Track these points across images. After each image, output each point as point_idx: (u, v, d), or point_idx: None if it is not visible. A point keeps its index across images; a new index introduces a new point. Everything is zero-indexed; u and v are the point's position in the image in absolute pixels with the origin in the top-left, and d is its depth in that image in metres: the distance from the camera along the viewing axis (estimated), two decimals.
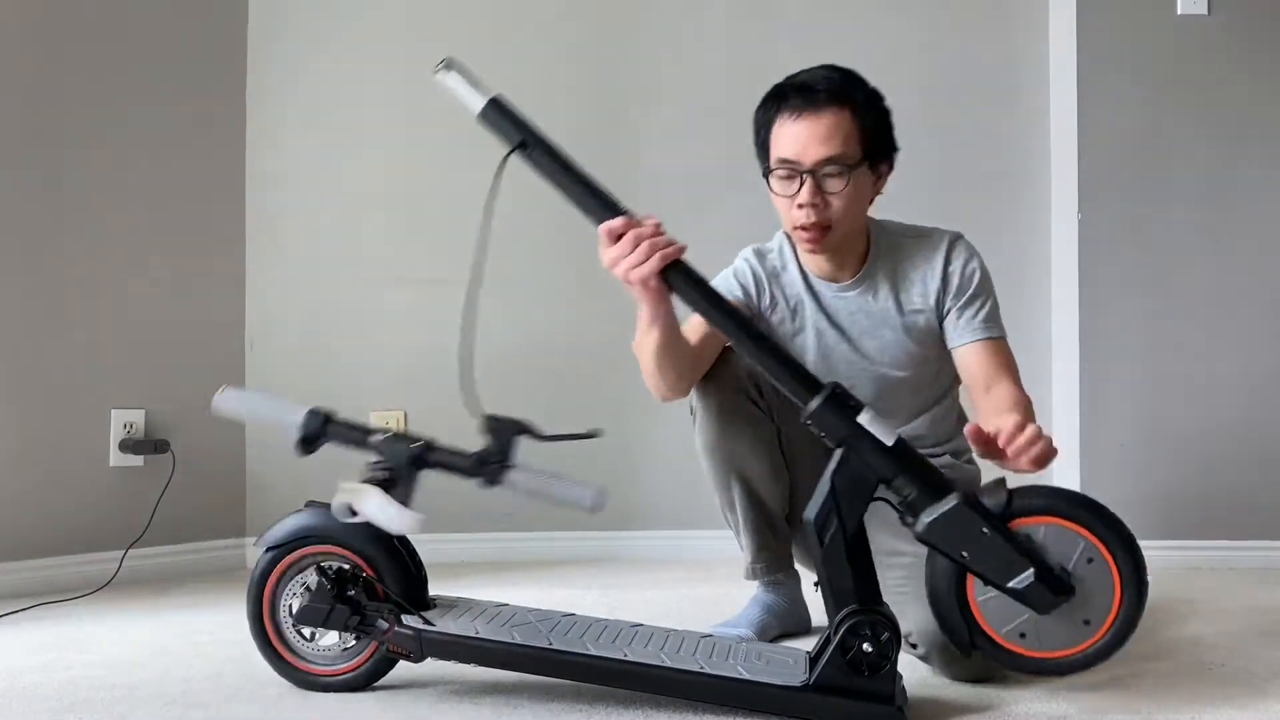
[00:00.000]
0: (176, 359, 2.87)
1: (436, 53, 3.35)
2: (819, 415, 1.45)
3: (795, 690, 1.43)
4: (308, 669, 1.62)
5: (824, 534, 1.44)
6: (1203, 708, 1.53)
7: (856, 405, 1.45)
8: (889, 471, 1.43)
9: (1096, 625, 1.42)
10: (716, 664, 1.49)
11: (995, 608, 1.43)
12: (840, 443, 1.45)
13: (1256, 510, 2.87)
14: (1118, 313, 2.81)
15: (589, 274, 3.16)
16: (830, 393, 1.45)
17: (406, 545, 1.63)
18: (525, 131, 1.60)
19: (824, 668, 1.42)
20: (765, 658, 1.53)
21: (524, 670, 1.55)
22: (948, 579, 1.45)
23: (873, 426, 1.43)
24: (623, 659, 1.49)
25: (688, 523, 2.98)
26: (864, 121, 1.82)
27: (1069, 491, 1.47)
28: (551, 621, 1.60)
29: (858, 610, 1.43)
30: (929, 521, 1.41)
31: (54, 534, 2.60)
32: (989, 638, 1.44)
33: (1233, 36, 2.92)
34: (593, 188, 1.60)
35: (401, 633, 1.55)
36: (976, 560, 1.41)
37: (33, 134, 2.64)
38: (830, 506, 1.44)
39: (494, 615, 1.61)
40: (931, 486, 1.43)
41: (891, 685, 1.43)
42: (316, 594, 1.58)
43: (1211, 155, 2.92)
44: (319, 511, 1.63)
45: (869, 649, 1.41)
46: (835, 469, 1.45)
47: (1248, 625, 2.15)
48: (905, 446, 1.44)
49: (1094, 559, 1.41)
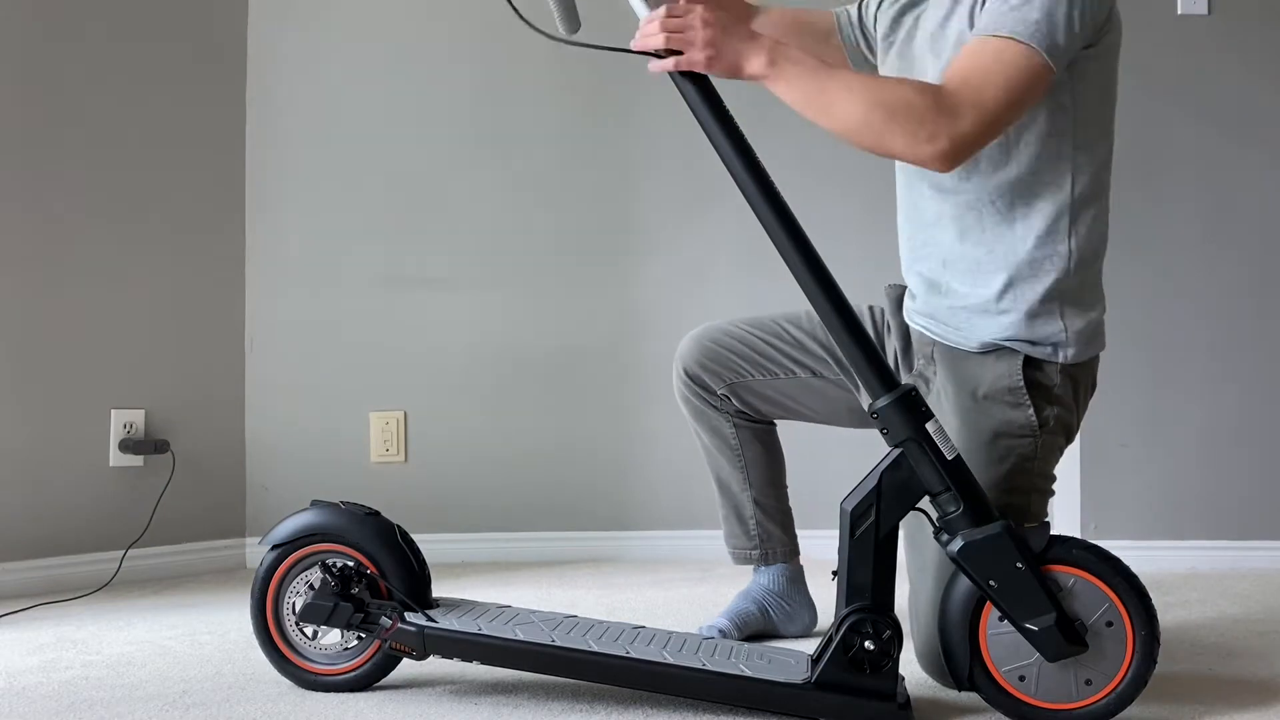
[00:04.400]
0: (176, 359, 2.87)
1: (437, 52, 3.38)
2: (888, 412, 1.43)
3: (797, 688, 1.44)
4: (310, 668, 1.62)
5: (857, 526, 1.44)
6: (1203, 708, 1.53)
7: (927, 412, 1.44)
8: (939, 485, 1.42)
9: (1097, 687, 1.42)
10: (719, 662, 1.49)
11: (1004, 644, 1.43)
12: (900, 444, 1.44)
13: (1257, 510, 2.86)
14: (1117, 311, 2.79)
15: (589, 274, 3.18)
16: (906, 393, 1.43)
17: (410, 544, 1.64)
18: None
19: (825, 665, 1.43)
20: (768, 657, 1.54)
21: (526, 668, 1.55)
22: (965, 604, 1.44)
23: (938, 437, 1.42)
24: (625, 655, 1.49)
25: (688, 523, 2.98)
26: None
27: (1108, 553, 1.45)
28: (554, 621, 1.61)
29: (860, 609, 1.43)
30: (967, 543, 1.41)
31: (54, 534, 2.60)
32: (988, 672, 1.44)
33: (1233, 36, 2.92)
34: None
35: (404, 630, 1.55)
36: (1002, 593, 1.40)
37: (32, 133, 2.63)
38: (871, 502, 1.43)
39: (497, 615, 1.62)
40: (977, 510, 1.42)
41: (894, 683, 1.43)
42: (320, 591, 1.58)
43: (1211, 155, 2.91)
44: (324, 509, 1.64)
45: (871, 647, 1.41)
46: (886, 468, 1.44)
47: (1248, 626, 2.15)
48: (962, 464, 1.43)
49: (1114, 623, 1.41)
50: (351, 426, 3.05)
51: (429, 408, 3.10)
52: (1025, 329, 1.63)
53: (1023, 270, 1.63)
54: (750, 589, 2.03)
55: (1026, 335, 1.63)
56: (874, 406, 1.45)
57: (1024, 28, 1.51)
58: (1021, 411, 1.62)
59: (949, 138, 1.48)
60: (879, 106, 1.50)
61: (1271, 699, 1.59)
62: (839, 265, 1.52)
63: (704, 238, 3.10)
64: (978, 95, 1.49)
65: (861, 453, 2.18)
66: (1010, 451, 1.61)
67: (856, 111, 1.50)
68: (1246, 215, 2.91)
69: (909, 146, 1.50)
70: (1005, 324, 1.63)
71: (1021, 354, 1.62)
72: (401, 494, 2.92)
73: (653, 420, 3.00)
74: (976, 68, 1.52)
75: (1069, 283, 1.65)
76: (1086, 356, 1.68)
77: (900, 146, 1.51)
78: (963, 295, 1.67)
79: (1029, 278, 1.63)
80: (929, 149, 1.49)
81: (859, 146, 1.55)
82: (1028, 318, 1.63)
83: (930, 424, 1.43)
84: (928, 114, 1.48)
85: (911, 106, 1.49)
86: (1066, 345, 1.64)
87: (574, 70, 3.08)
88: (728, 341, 1.96)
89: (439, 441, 3.08)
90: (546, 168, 3.13)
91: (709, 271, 3.09)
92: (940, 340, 1.70)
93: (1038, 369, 1.63)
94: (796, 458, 2.15)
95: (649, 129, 3.11)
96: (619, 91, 3.09)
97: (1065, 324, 1.64)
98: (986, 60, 1.51)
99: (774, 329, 1.95)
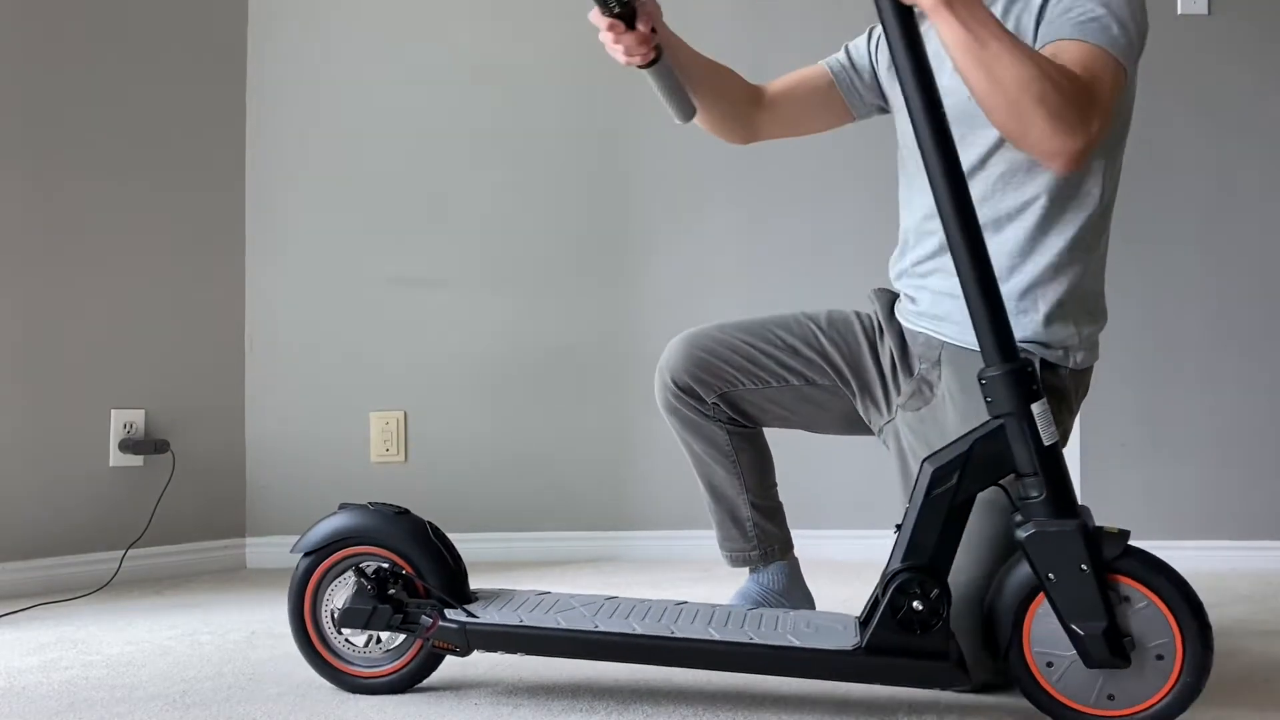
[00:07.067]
0: (176, 359, 2.87)
1: (438, 52, 3.38)
2: (996, 383, 1.40)
3: (849, 654, 1.41)
4: (354, 672, 1.61)
5: (936, 485, 1.41)
6: (1202, 708, 1.53)
7: (1038, 391, 1.40)
8: (1029, 467, 1.39)
9: (1118, 705, 1.40)
10: (766, 634, 1.46)
11: (1047, 628, 1.41)
12: (1001, 416, 1.40)
13: (1257, 510, 2.87)
14: (1118, 311, 2.80)
15: (589, 274, 3.18)
16: (1020, 367, 1.40)
17: (443, 539, 1.62)
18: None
19: (875, 629, 1.40)
20: (814, 625, 1.50)
21: (572, 655, 1.53)
22: (1020, 588, 1.42)
23: (1041, 420, 1.39)
24: (671, 635, 1.47)
25: (688, 523, 2.98)
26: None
27: (1186, 584, 1.42)
28: (595, 605, 1.58)
29: (909, 568, 1.40)
30: (1038, 531, 1.38)
31: (54, 534, 2.60)
32: (1022, 653, 1.42)
33: (1233, 36, 2.92)
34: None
35: (446, 627, 1.53)
36: (1059, 588, 1.38)
37: (31, 133, 2.64)
38: (958, 467, 1.41)
39: (536, 603, 1.59)
40: (1059, 501, 1.39)
41: (946, 641, 1.40)
42: (357, 595, 1.56)
43: (1211, 155, 2.92)
44: (354, 512, 1.62)
45: (919, 607, 1.39)
46: (982, 436, 1.41)
47: (1248, 626, 2.15)
48: (1057, 452, 1.40)
49: (1165, 657, 1.38)
50: (351, 426, 3.05)
51: (429, 408, 3.10)
52: (1042, 332, 1.63)
53: (1046, 274, 1.63)
54: (748, 589, 1.98)
55: (1043, 338, 1.63)
56: (984, 373, 1.42)
57: (1110, 40, 1.50)
58: None
59: (1086, 137, 1.44)
60: (1038, 80, 1.40)
61: (1272, 699, 1.59)
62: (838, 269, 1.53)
63: (704, 238, 3.10)
64: (1102, 96, 1.46)
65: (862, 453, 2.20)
66: None
67: (1019, 76, 1.41)
68: (1246, 215, 2.91)
69: (1047, 136, 1.43)
70: (1022, 325, 1.62)
71: (1036, 356, 1.62)
72: (401, 494, 2.89)
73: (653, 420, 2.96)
74: (1095, 69, 1.47)
75: (1084, 289, 1.65)
76: (1090, 363, 1.69)
77: (1039, 133, 1.43)
78: None
79: (1050, 281, 1.63)
80: (1067, 143, 1.43)
81: (994, 116, 1.46)
82: (1045, 321, 1.63)
83: (1037, 405, 1.39)
84: (1072, 104, 1.42)
85: (1064, 92, 1.41)
86: (1077, 350, 1.65)
87: (575, 70, 3.09)
88: (718, 350, 1.86)
89: (439, 441, 3.08)
90: (547, 168, 3.13)
91: (709, 272, 3.08)
92: (951, 341, 1.68)
93: (1050, 372, 1.64)
94: (796, 458, 2.15)
95: (650, 129, 3.10)
96: (620, 91, 3.08)
97: (1078, 329, 1.65)
98: (1100, 64, 1.48)
99: (766, 335, 1.86)
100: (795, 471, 2.12)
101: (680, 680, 1.67)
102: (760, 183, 3.03)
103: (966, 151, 1.62)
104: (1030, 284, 1.64)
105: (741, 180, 3.06)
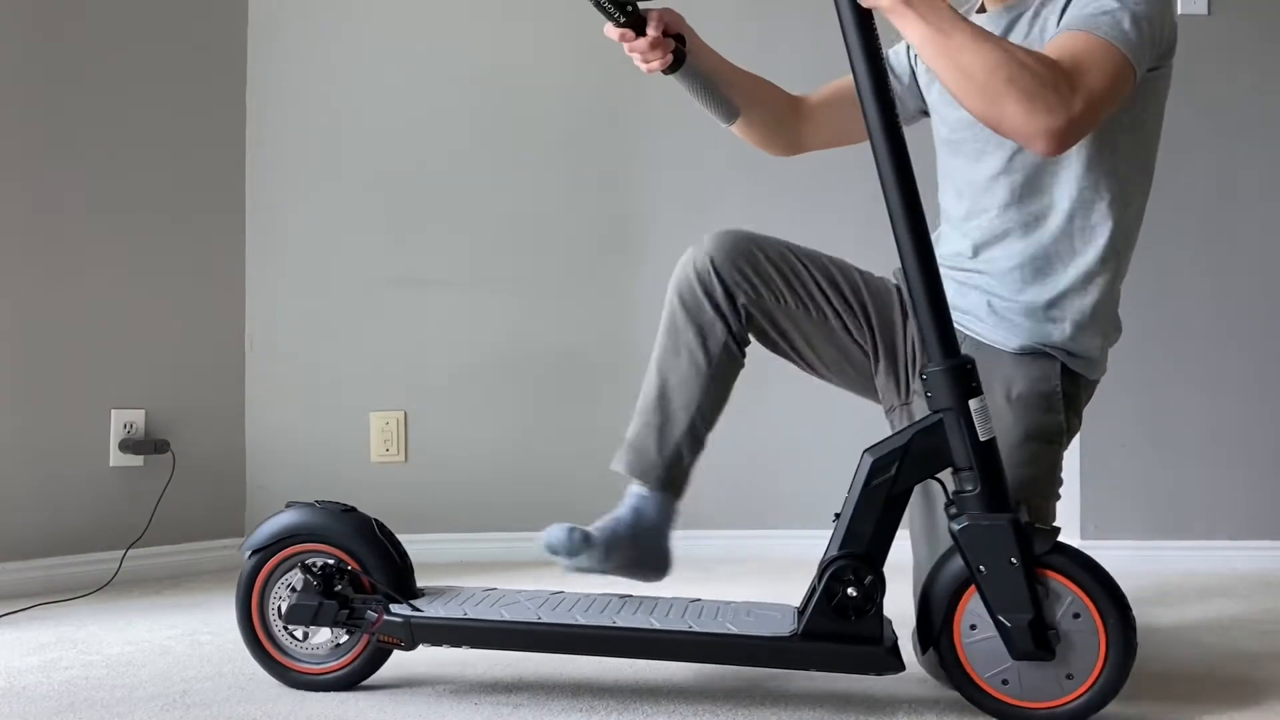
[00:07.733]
0: (176, 359, 2.87)
1: (438, 52, 3.38)
2: (937, 378, 1.43)
3: (785, 640, 1.45)
4: (300, 669, 1.62)
5: (875, 476, 1.45)
6: (1202, 708, 1.53)
7: (976, 388, 1.43)
8: (964, 462, 1.43)
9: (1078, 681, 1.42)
10: (706, 623, 1.51)
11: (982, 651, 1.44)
12: (940, 411, 1.44)
13: (1257, 510, 2.87)
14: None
15: (589, 274, 3.18)
16: (961, 364, 1.43)
17: (389, 536, 1.64)
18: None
19: (810, 615, 1.44)
20: (753, 613, 1.55)
21: (516, 647, 1.55)
22: (952, 582, 1.45)
23: (978, 416, 1.42)
24: (612, 625, 1.51)
25: (688, 523, 2.95)
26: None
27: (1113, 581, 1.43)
28: (540, 599, 1.61)
29: (844, 555, 1.44)
30: (972, 524, 1.41)
31: (54, 534, 2.60)
32: (953, 642, 1.45)
33: (1233, 36, 2.92)
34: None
35: (391, 621, 1.55)
36: (988, 580, 1.41)
37: (32, 134, 2.63)
38: (896, 459, 1.45)
39: (482, 598, 1.62)
40: (993, 496, 1.42)
41: (879, 627, 1.44)
42: (303, 591, 1.59)
43: (1211, 155, 2.92)
44: (300, 510, 1.65)
45: (854, 593, 1.43)
46: (920, 430, 1.45)
47: (1248, 626, 2.15)
48: (993, 448, 1.43)
49: (1080, 614, 1.42)
50: (351, 426, 3.05)
51: (429, 408, 3.10)
52: (1071, 339, 1.64)
53: (1078, 283, 1.64)
54: (623, 515, 1.72)
55: (1072, 346, 1.64)
56: (926, 369, 1.45)
57: (1118, 34, 1.51)
58: (1053, 417, 1.63)
59: (1066, 116, 1.43)
60: (1006, 64, 1.42)
61: (1271, 699, 1.59)
62: None
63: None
64: (1089, 81, 1.46)
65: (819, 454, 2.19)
66: (1037, 455, 1.61)
67: (986, 62, 1.42)
68: (1246, 215, 2.91)
69: (1022, 116, 1.43)
70: (1052, 331, 1.63)
71: (1059, 361, 1.63)
72: (401, 494, 2.93)
73: None
74: (1084, 56, 1.48)
75: (1110, 300, 1.67)
76: (1100, 375, 1.71)
77: (1013, 114, 1.43)
78: (1012, 295, 1.65)
79: (1080, 290, 1.64)
80: (1045, 122, 1.43)
81: (969, 105, 1.47)
82: (1075, 328, 1.64)
83: (974, 401, 1.43)
84: (1048, 85, 1.42)
85: (1036, 74, 1.42)
86: (1098, 361, 1.68)
87: (575, 70, 3.09)
88: (773, 256, 1.74)
89: (439, 441, 3.08)
90: (547, 168, 3.13)
91: None
92: (974, 336, 1.67)
93: (1070, 379, 1.65)
94: (796, 458, 2.15)
95: (650, 129, 3.11)
96: (620, 92, 3.09)
97: (1102, 341, 1.67)
98: (1095, 53, 1.49)
99: (823, 265, 1.77)
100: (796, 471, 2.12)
101: (680, 680, 1.67)
102: (761, 183, 3.03)
103: (992, 156, 1.66)
104: (1061, 292, 1.64)
105: (743, 181, 3.06)
